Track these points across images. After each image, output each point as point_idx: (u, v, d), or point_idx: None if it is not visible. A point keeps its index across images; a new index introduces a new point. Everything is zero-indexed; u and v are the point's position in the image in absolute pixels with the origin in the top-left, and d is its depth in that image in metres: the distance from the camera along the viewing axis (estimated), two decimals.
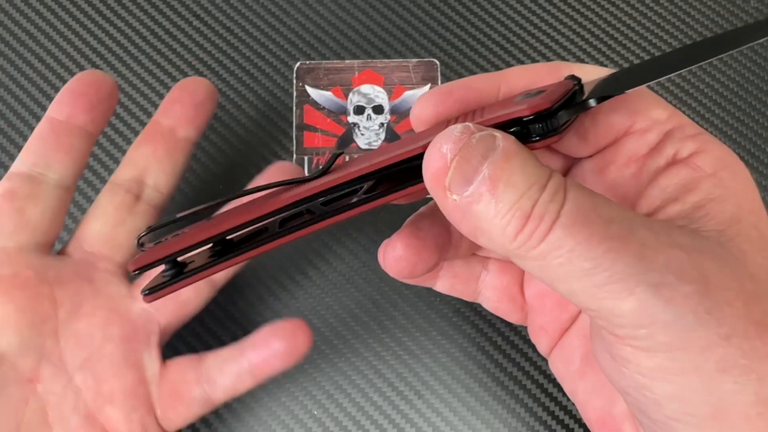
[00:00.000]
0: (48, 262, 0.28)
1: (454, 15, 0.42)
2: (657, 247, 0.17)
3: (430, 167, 0.18)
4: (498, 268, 0.27)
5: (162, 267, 0.22)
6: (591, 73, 0.21)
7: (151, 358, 0.29)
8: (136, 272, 0.21)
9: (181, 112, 0.30)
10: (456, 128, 0.18)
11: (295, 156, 0.39)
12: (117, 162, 0.39)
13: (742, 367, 0.17)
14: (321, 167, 0.22)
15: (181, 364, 0.29)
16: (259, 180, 0.31)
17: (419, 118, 0.23)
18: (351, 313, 0.37)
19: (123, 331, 0.28)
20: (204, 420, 0.34)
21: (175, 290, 0.22)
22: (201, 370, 0.29)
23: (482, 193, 0.18)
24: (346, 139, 0.39)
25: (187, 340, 0.35)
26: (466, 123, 0.18)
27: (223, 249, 0.21)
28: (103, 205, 0.30)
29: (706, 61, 0.19)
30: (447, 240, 0.24)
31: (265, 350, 0.29)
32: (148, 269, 0.21)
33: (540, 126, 0.19)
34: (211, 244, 0.21)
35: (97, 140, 0.39)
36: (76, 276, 0.28)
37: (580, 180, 0.23)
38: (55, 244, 0.30)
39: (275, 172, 0.30)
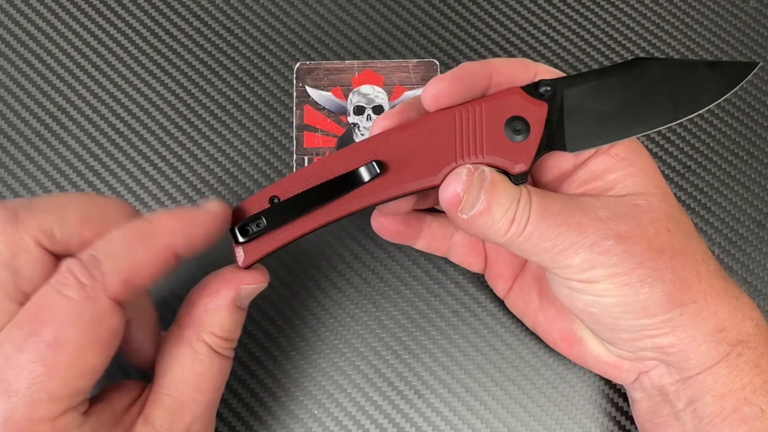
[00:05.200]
0: None
1: (454, 15, 0.42)
2: (588, 223, 0.27)
3: (447, 200, 0.27)
4: None
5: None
6: (545, 72, 0.29)
7: None
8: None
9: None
10: (462, 172, 0.27)
11: (295, 156, 0.39)
12: (117, 163, 0.39)
13: (652, 278, 0.27)
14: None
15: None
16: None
17: (437, 98, 0.28)
18: (350, 314, 0.37)
19: None
20: None
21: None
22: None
23: (482, 211, 0.27)
24: (346, 140, 0.39)
25: None
26: (468, 166, 0.27)
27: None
28: None
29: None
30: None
31: None
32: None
33: (521, 179, 0.28)
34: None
35: (98, 141, 0.39)
36: None
37: None
38: None
39: None
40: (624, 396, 0.36)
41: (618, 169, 0.29)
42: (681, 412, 0.29)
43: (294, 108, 0.40)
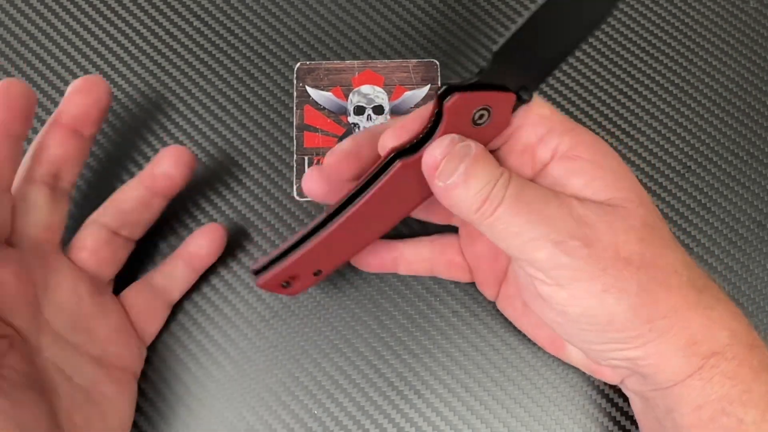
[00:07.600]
0: (9, 253, 0.31)
1: (454, 15, 0.42)
2: (559, 217, 0.27)
3: (427, 164, 0.27)
4: (440, 249, 0.36)
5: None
6: None
7: (113, 298, 0.34)
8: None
9: (85, 113, 0.33)
10: (446, 139, 0.27)
11: (295, 156, 0.39)
12: (117, 162, 0.39)
13: (617, 288, 0.26)
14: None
15: (136, 288, 0.35)
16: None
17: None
18: (351, 313, 0.37)
19: (87, 288, 0.32)
20: None
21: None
22: (153, 286, 0.35)
23: (458, 183, 0.27)
24: None
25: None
26: (453, 135, 0.27)
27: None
28: (32, 199, 0.32)
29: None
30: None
31: (193, 247, 0.35)
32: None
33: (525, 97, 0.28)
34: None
35: (97, 140, 0.39)
36: (34, 258, 0.31)
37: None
38: None
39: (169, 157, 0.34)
40: (624, 396, 0.36)
41: (583, 172, 0.28)
42: (662, 419, 0.29)
43: (294, 108, 0.40)
